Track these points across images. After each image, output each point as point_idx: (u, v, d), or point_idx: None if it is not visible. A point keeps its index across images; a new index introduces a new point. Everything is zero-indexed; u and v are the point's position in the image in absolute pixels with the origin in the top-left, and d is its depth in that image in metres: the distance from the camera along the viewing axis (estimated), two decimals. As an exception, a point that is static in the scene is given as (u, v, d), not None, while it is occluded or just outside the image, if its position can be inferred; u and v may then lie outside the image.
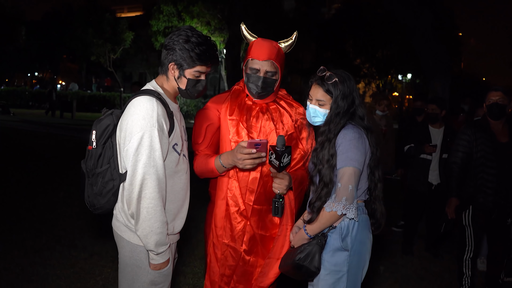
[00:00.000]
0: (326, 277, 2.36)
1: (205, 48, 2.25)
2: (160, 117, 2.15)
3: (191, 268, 4.52)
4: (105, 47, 31.82)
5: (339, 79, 2.37)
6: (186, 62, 2.25)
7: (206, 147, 2.68)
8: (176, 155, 2.30)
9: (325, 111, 2.42)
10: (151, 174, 2.11)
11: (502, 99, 3.96)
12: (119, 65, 37.83)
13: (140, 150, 2.10)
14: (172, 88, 2.35)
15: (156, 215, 2.13)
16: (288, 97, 2.83)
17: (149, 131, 2.11)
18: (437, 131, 5.32)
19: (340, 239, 2.34)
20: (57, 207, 6.52)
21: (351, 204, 2.24)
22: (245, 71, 2.64)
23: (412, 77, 35.05)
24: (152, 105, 2.14)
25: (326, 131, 2.37)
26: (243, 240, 2.64)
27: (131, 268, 2.29)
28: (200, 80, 2.33)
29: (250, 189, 2.61)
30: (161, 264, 2.24)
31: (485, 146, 4.00)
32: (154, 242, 2.15)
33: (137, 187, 2.11)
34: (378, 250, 5.08)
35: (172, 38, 2.27)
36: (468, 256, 4.14)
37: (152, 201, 2.12)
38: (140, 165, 2.10)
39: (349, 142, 2.29)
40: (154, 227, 2.13)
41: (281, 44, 2.64)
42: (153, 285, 2.28)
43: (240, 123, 2.61)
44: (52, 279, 4.13)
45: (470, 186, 4.07)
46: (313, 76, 2.47)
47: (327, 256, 2.36)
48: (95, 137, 2.25)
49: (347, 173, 2.26)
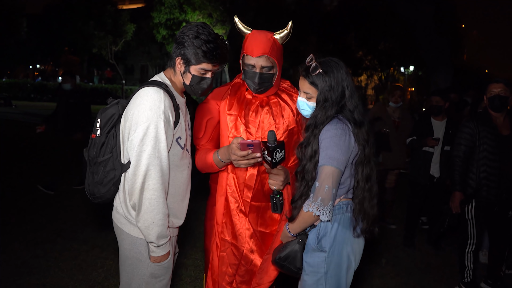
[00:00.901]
0: (306, 277, 2.29)
1: (213, 46, 2.22)
2: (166, 109, 2.14)
3: (192, 260, 4.52)
4: (107, 39, 31.74)
5: (325, 70, 2.20)
6: (193, 58, 2.23)
7: (207, 142, 2.64)
8: (179, 148, 2.29)
9: (313, 103, 2.28)
10: (155, 165, 2.10)
11: (504, 91, 3.93)
12: (121, 57, 37.76)
13: (146, 141, 2.09)
14: (178, 82, 2.33)
15: (159, 207, 2.12)
16: (291, 89, 2.73)
17: (155, 122, 2.09)
18: (439, 123, 5.29)
19: (316, 240, 2.24)
20: (58, 200, 6.52)
21: (325, 206, 2.10)
22: (242, 67, 2.58)
23: (415, 69, 34.93)
24: (159, 96, 2.13)
25: (312, 125, 2.23)
26: (245, 238, 2.60)
27: (131, 260, 2.28)
28: (205, 77, 2.30)
29: (248, 186, 2.57)
30: (162, 256, 2.23)
31: (488, 139, 3.97)
32: (156, 234, 2.14)
33: (140, 178, 2.09)
34: (379, 243, 5.08)
35: (183, 32, 2.25)
36: (470, 249, 4.12)
37: (155, 193, 2.10)
38: (145, 155, 2.09)
39: (330, 139, 2.14)
40: (156, 218, 2.12)
41: (276, 36, 2.52)
42: (154, 278, 2.27)
43: (238, 118, 2.57)
44: (53, 272, 4.13)
45: (473, 179, 4.05)
46: (301, 66, 2.33)
47: (306, 257, 2.29)
48: (99, 126, 2.24)
49: (324, 172, 2.12)
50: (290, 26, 2.55)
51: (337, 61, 2.27)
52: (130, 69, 44.92)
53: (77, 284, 3.92)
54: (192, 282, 4.11)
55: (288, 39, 2.58)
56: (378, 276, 4.51)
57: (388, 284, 4.35)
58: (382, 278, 4.48)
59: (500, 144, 3.96)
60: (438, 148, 5.26)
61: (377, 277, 4.48)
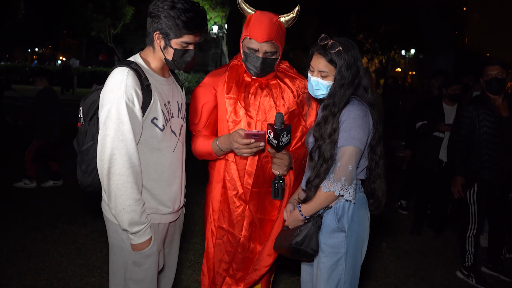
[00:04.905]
0: (325, 259, 2.27)
1: (192, 15, 2.06)
2: (129, 88, 2.00)
3: (192, 244, 4.52)
4: (105, 22, 31.44)
5: (343, 48, 2.18)
6: (172, 31, 2.08)
7: (203, 127, 2.56)
8: (157, 130, 2.15)
9: (328, 83, 2.24)
10: (120, 149, 1.98)
11: (501, 72, 3.88)
12: (120, 40, 37.45)
13: (108, 124, 1.98)
14: (159, 59, 2.19)
15: (127, 192, 2.00)
16: (290, 70, 2.66)
17: (116, 103, 1.98)
18: (451, 108, 5.15)
19: (336, 220, 2.23)
20: (58, 184, 6.51)
21: (349, 185, 2.12)
22: (242, 49, 2.48)
23: (416, 53, 34.68)
24: (121, 77, 2.00)
25: (331, 104, 2.20)
26: (242, 226, 2.56)
27: (116, 248, 2.20)
28: (188, 50, 2.16)
29: (249, 172, 2.51)
30: (141, 244, 2.10)
31: (488, 121, 3.93)
32: (127, 221, 2.03)
33: (106, 163, 1.99)
34: (380, 227, 5.07)
35: (157, 4, 2.08)
36: (471, 233, 4.11)
37: (121, 177, 1.99)
38: (109, 139, 1.98)
39: (353, 120, 2.14)
40: (125, 205, 2.01)
41: (282, 19, 2.44)
42: (136, 266, 2.15)
43: (238, 102, 2.48)
44: (52, 256, 4.12)
45: (474, 163, 4.02)
46: (314, 45, 2.28)
47: (324, 238, 2.26)
48: (81, 114, 2.15)
49: (347, 152, 2.12)
50: (297, 10, 2.46)
51: (350, 40, 2.25)
52: (129, 53, 44.54)
53: (76, 268, 3.91)
54: (191, 266, 4.10)
55: (293, 23, 2.49)
56: (378, 260, 4.50)
57: (388, 268, 4.35)
58: (382, 262, 4.48)
59: (500, 126, 3.92)
60: (448, 134, 5.16)
61: (377, 261, 4.47)
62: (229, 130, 2.48)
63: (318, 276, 2.30)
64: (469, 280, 4.12)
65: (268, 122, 2.40)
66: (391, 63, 36.58)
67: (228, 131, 2.48)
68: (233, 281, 2.64)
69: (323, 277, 2.27)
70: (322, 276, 2.28)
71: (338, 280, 2.26)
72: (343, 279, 2.26)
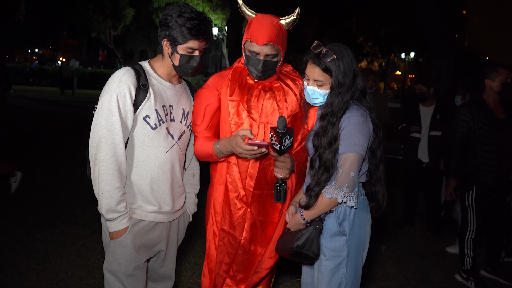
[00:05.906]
0: (326, 262, 2.28)
1: (197, 23, 2.22)
2: (123, 84, 2.17)
3: (192, 246, 4.52)
4: (106, 23, 31.44)
5: (337, 56, 2.17)
6: (179, 37, 2.23)
7: (205, 129, 2.55)
8: (148, 128, 2.28)
9: (325, 91, 2.24)
10: (107, 137, 2.14)
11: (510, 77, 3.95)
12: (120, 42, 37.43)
13: (100, 113, 2.16)
14: (167, 66, 2.35)
15: (107, 178, 2.15)
16: (293, 73, 2.66)
17: (109, 95, 2.16)
18: (427, 109, 5.39)
19: (337, 224, 2.25)
20: (57, 184, 6.51)
21: (352, 192, 2.13)
22: (244, 52, 2.49)
23: (415, 56, 34.74)
24: (119, 73, 2.20)
25: (329, 114, 2.20)
26: (243, 228, 2.56)
27: (105, 234, 2.35)
28: (193, 56, 2.30)
29: (250, 174, 2.51)
30: (116, 233, 2.23)
31: (483, 124, 3.97)
32: (104, 206, 2.17)
33: (94, 149, 2.16)
34: (379, 230, 5.08)
35: (166, 13, 2.26)
36: (470, 237, 4.12)
37: (104, 164, 2.14)
38: (98, 127, 2.15)
39: (354, 126, 2.14)
40: (104, 190, 2.16)
41: (282, 21, 2.44)
42: (111, 256, 2.28)
43: (240, 104, 2.49)
44: (52, 256, 4.13)
45: (471, 166, 4.04)
46: (307, 53, 2.28)
47: (325, 242, 2.28)
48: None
49: (349, 159, 2.13)
50: (298, 12, 2.46)
51: (343, 45, 2.24)
52: (130, 54, 44.59)
53: (76, 270, 3.91)
54: (191, 268, 4.10)
55: (294, 25, 2.50)
56: (377, 263, 4.51)
57: (387, 271, 4.35)
58: (381, 264, 4.48)
59: (496, 127, 3.96)
60: (425, 134, 5.38)
61: (376, 263, 4.48)
62: (231, 132, 2.49)
63: (319, 279, 2.32)
64: (468, 283, 4.12)
65: (270, 125, 2.41)
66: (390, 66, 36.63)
67: (231, 133, 2.48)
68: (233, 282, 2.64)
69: (325, 280, 2.28)
70: (324, 279, 2.29)
71: (339, 283, 2.27)
72: (344, 282, 2.27)
